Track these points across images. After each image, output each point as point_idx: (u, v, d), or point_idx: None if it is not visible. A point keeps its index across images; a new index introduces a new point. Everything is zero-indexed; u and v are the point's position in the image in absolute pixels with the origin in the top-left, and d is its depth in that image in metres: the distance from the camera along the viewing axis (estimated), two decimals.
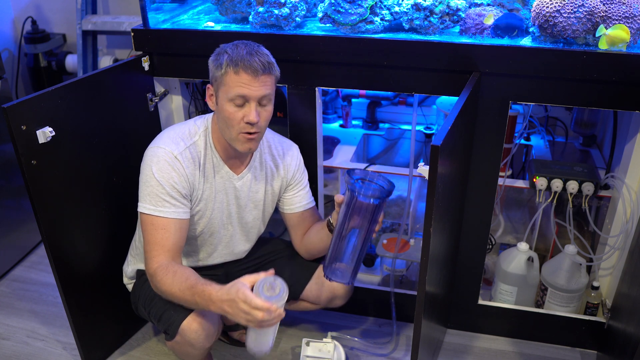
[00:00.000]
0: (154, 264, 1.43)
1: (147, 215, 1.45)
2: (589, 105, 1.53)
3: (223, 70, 1.37)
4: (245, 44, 1.40)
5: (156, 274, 1.42)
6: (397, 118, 2.32)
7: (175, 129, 1.50)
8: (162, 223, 1.44)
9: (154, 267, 1.43)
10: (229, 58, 1.36)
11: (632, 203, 1.67)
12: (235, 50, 1.37)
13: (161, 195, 1.43)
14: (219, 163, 1.52)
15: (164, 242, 1.44)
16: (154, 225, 1.44)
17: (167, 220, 1.44)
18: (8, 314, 2.08)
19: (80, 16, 2.64)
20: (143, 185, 1.46)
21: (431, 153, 1.14)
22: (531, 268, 1.85)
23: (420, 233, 2.12)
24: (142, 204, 1.46)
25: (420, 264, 1.25)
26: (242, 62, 1.35)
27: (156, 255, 1.43)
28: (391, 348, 1.91)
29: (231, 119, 1.40)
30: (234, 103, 1.39)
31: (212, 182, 1.52)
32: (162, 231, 1.44)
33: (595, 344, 1.86)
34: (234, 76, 1.36)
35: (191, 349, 1.50)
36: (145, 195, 1.45)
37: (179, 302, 1.42)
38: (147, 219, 1.45)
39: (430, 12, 1.58)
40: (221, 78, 1.38)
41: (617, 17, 1.42)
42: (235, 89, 1.37)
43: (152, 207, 1.44)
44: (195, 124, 1.52)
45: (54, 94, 1.48)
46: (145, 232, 1.47)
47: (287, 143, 1.66)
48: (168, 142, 1.46)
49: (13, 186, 2.28)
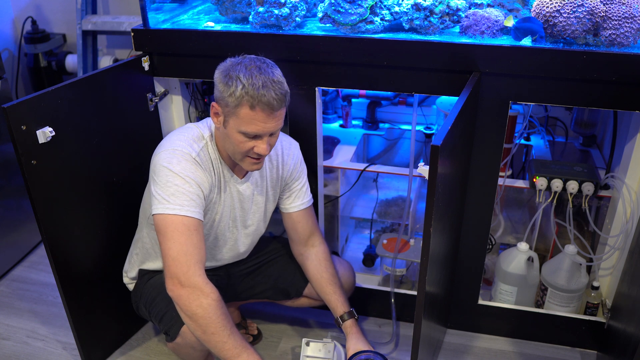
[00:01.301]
0: (197, 269, 1.29)
1: (174, 216, 1.30)
2: (589, 105, 1.53)
3: (237, 101, 1.29)
4: (258, 67, 1.30)
5: (206, 287, 1.30)
6: (397, 118, 2.32)
7: (182, 133, 1.44)
8: (188, 223, 1.32)
9: (198, 272, 1.29)
10: (245, 90, 1.28)
11: (632, 203, 1.67)
12: (251, 80, 1.28)
13: (187, 193, 1.33)
14: (224, 168, 1.50)
15: (192, 247, 1.31)
16: (187, 226, 1.31)
17: (194, 220, 1.33)
18: (8, 314, 2.08)
19: (80, 16, 2.64)
20: (164, 186, 1.33)
21: (431, 153, 1.14)
22: (531, 268, 1.85)
23: (420, 233, 2.12)
24: (163, 206, 1.32)
25: (420, 264, 1.25)
26: (259, 97, 1.27)
27: (198, 260, 1.30)
28: (391, 348, 1.91)
29: (240, 147, 1.35)
30: (245, 135, 1.33)
31: (220, 186, 1.51)
32: (189, 233, 1.32)
33: (595, 344, 1.86)
34: (249, 112, 1.29)
35: (192, 350, 1.50)
36: (169, 195, 1.32)
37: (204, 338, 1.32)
38: (171, 221, 1.31)
39: (430, 12, 1.58)
40: (234, 109, 1.30)
41: (617, 17, 1.42)
42: (250, 127, 1.31)
43: (178, 208, 1.31)
44: (199, 129, 1.46)
45: (54, 94, 1.48)
46: (168, 236, 1.31)
47: (287, 141, 1.65)
48: (181, 144, 1.39)
49: (13, 186, 2.28)
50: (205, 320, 1.32)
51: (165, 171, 1.35)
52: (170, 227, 1.32)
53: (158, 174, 1.36)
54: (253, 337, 1.94)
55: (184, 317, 1.35)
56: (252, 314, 2.03)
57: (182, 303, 1.32)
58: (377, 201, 2.26)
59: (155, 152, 1.41)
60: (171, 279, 1.32)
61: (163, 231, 1.33)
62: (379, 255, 2.05)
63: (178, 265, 1.31)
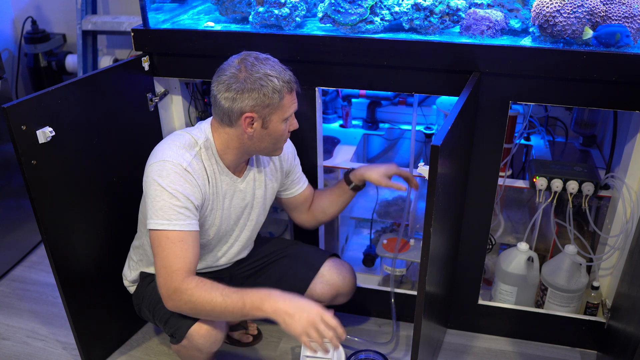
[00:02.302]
0: (179, 275, 1.35)
1: (161, 231, 1.37)
2: (589, 105, 1.53)
3: (280, 94, 1.38)
4: (261, 60, 1.39)
5: (187, 283, 1.34)
6: (397, 118, 2.32)
7: (173, 141, 1.45)
8: (179, 236, 1.37)
9: (179, 278, 1.35)
10: (280, 80, 1.37)
11: (632, 203, 1.67)
12: (273, 69, 1.38)
13: (175, 207, 1.37)
14: (223, 171, 1.50)
15: (184, 254, 1.37)
16: (170, 239, 1.37)
17: (184, 233, 1.38)
18: (8, 314, 2.08)
19: (80, 16, 2.64)
20: (153, 201, 1.38)
21: (431, 153, 1.14)
22: (531, 268, 1.85)
23: (420, 233, 2.12)
24: (153, 221, 1.37)
25: (420, 264, 1.25)
26: (291, 80, 1.40)
27: (180, 267, 1.35)
28: (391, 348, 1.91)
29: (282, 135, 1.45)
30: (285, 122, 1.44)
31: (219, 190, 1.51)
32: (180, 244, 1.37)
33: (595, 344, 1.86)
34: (289, 96, 1.40)
35: (198, 353, 1.50)
36: (157, 211, 1.37)
37: (213, 309, 1.35)
38: (161, 235, 1.37)
39: (430, 12, 1.58)
40: (279, 102, 1.39)
41: (617, 17, 1.42)
42: (292, 107, 1.43)
43: (166, 222, 1.36)
44: (192, 135, 1.46)
45: (54, 94, 1.48)
46: (159, 249, 1.37)
47: None
48: (172, 154, 1.40)
49: (13, 186, 2.28)
50: (199, 308, 1.36)
51: (154, 185, 1.39)
52: (156, 242, 1.38)
53: (149, 187, 1.40)
54: (253, 337, 1.94)
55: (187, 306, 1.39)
56: None
57: (175, 309, 1.39)
58: (377, 201, 2.26)
59: (148, 163, 1.43)
60: (161, 293, 1.40)
61: (153, 244, 1.40)
62: (379, 255, 2.05)
63: (160, 278, 1.38)
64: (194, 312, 1.39)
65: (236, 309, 1.35)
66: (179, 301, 1.36)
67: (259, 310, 1.34)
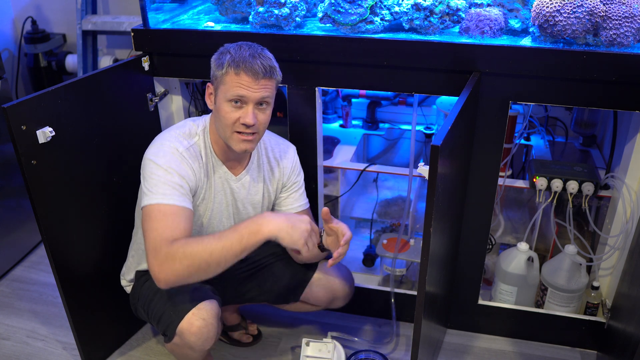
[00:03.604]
0: (167, 244, 1.30)
1: (153, 205, 1.35)
2: (589, 105, 1.53)
3: (224, 69, 1.36)
4: (249, 45, 1.40)
5: (174, 248, 1.29)
6: (397, 118, 2.32)
7: (174, 130, 1.48)
8: (172, 210, 1.35)
9: (166, 247, 1.30)
10: (231, 58, 1.36)
11: (632, 203, 1.67)
12: (239, 52, 1.37)
13: (170, 183, 1.37)
14: (217, 163, 1.51)
15: (175, 226, 1.34)
16: (162, 212, 1.34)
17: (178, 207, 1.36)
18: (8, 314, 2.08)
19: (80, 16, 2.64)
20: (148, 179, 1.38)
21: (431, 153, 1.14)
22: (531, 268, 1.85)
23: (420, 233, 2.12)
24: (147, 197, 1.36)
25: (420, 264, 1.25)
26: (244, 63, 1.35)
27: (168, 237, 1.31)
28: (391, 348, 1.91)
29: (227, 119, 1.39)
30: (231, 103, 1.38)
31: (212, 182, 1.52)
32: (173, 217, 1.35)
33: (595, 344, 1.86)
34: (234, 77, 1.36)
35: (190, 351, 1.49)
36: (152, 187, 1.37)
37: (211, 255, 1.29)
38: (153, 209, 1.35)
39: (430, 12, 1.58)
40: (221, 77, 1.37)
41: (617, 17, 1.42)
42: (234, 89, 1.36)
43: (161, 197, 1.35)
44: (194, 124, 1.50)
45: (54, 94, 1.48)
46: (151, 222, 1.34)
47: (284, 145, 1.65)
48: (170, 140, 1.44)
49: (13, 186, 2.28)
50: (197, 261, 1.30)
51: (150, 164, 1.40)
52: (147, 217, 1.35)
53: (144, 168, 1.41)
54: (253, 337, 1.94)
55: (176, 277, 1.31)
56: (252, 315, 2.03)
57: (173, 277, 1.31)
58: (377, 201, 2.26)
59: (147, 149, 1.46)
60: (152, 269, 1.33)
61: (145, 220, 1.36)
62: (379, 255, 2.05)
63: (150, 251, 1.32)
64: (191, 269, 1.30)
65: (234, 243, 1.31)
66: (173, 264, 1.29)
67: (258, 234, 1.32)
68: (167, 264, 1.30)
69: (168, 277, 1.31)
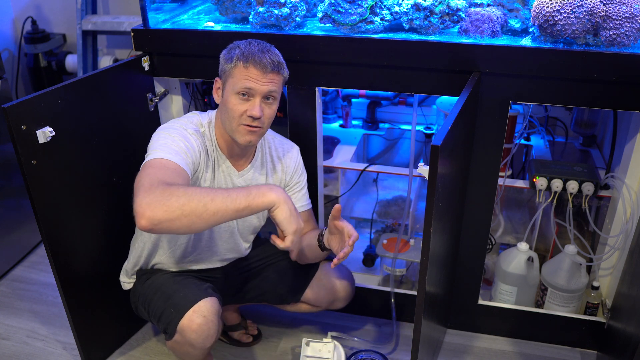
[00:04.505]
0: (165, 183, 1.20)
1: (157, 159, 1.30)
2: (589, 105, 1.53)
3: (233, 63, 1.39)
4: (258, 42, 1.43)
5: (175, 186, 1.19)
6: (397, 118, 2.32)
7: (181, 119, 1.50)
8: (174, 166, 1.30)
9: (165, 184, 1.19)
10: (241, 52, 1.39)
11: (632, 203, 1.67)
12: (248, 47, 1.40)
13: (176, 147, 1.36)
14: (221, 157, 1.52)
15: (174, 178, 1.26)
16: (165, 166, 1.29)
17: (181, 167, 1.32)
18: (8, 314, 2.08)
19: (80, 16, 2.64)
20: (154, 142, 1.37)
21: (431, 153, 1.14)
22: (531, 268, 1.85)
23: (420, 233, 2.12)
24: (150, 155, 1.32)
25: (420, 264, 1.25)
26: (253, 57, 1.38)
27: (167, 181, 1.22)
28: (391, 348, 1.91)
29: (234, 111, 1.41)
30: (239, 96, 1.40)
31: (215, 176, 1.52)
32: (174, 172, 1.29)
33: (595, 344, 1.86)
34: (243, 70, 1.38)
35: (191, 349, 1.49)
36: (157, 147, 1.34)
37: (214, 202, 1.19)
38: (156, 162, 1.29)
39: (430, 12, 1.58)
40: (230, 70, 1.40)
41: (617, 17, 1.42)
42: (242, 82, 1.39)
43: (165, 153, 1.32)
44: (200, 116, 1.52)
45: (54, 94, 1.48)
46: (151, 169, 1.26)
47: (288, 144, 1.66)
48: (179, 123, 1.46)
49: (13, 186, 2.28)
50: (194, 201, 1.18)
51: (158, 133, 1.41)
52: (149, 165, 1.28)
53: (152, 141, 1.40)
54: (253, 337, 1.94)
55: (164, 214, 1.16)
56: (252, 315, 2.03)
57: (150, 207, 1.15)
58: (377, 201, 2.26)
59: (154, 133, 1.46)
60: (138, 197, 1.18)
61: (143, 169, 1.28)
62: (379, 255, 2.05)
63: (144, 182, 1.21)
64: (186, 208, 1.16)
65: (240, 196, 1.23)
66: (168, 199, 1.16)
67: (265, 196, 1.26)
68: (160, 199, 1.15)
69: (155, 213, 1.14)
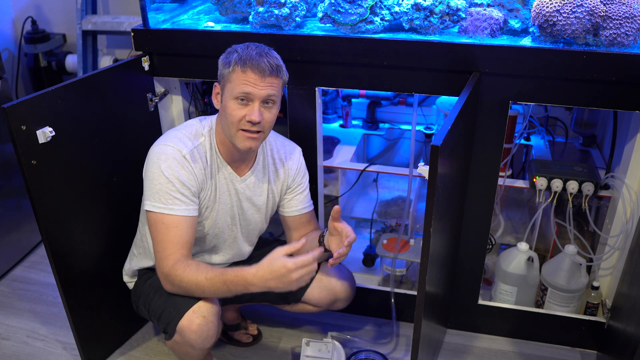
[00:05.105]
0: (169, 261, 1.41)
1: (156, 213, 1.43)
2: (589, 105, 1.53)
3: (231, 67, 1.38)
4: (256, 45, 1.42)
5: (175, 269, 1.40)
6: (397, 118, 2.32)
7: (180, 130, 1.50)
8: (174, 221, 1.43)
9: (169, 264, 1.41)
10: (238, 57, 1.38)
11: (632, 203, 1.67)
12: (246, 51, 1.39)
13: (171, 192, 1.42)
14: (222, 164, 1.52)
15: (177, 239, 1.42)
16: (165, 224, 1.42)
17: (179, 218, 1.43)
18: (8, 314, 2.08)
19: (80, 16, 2.64)
20: (150, 183, 1.44)
21: (431, 153, 1.14)
22: (531, 268, 1.85)
23: (420, 233, 2.12)
24: (150, 203, 1.43)
25: (420, 264, 1.25)
26: (251, 61, 1.37)
27: (171, 253, 1.42)
28: (391, 348, 1.91)
29: (233, 116, 1.40)
30: (238, 101, 1.40)
31: (216, 183, 1.52)
32: (175, 229, 1.43)
33: (595, 344, 1.86)
34: (241, 74, 1.37)
35: (191, 349, 1.49)
36: (154, 194, 1.43)
37: (204, 292, 1.41)
38: (157, 218, 1.43)
39: (430, 12, 1.58)
40: (228, 75, 1.39)
41: (617, 17, 1.42)
42: (240, 87, 1.38)
43: (162, 206, 1.42)
44: (200, 124, 1.52)
45: (54, 94, 1.48)
46: (155, 232, 1.44)
47: (290, 146, 1.66)
48: (175, 140, 1.46)
49: (13, 186, 2.28)
50: (191, 291, 1.43)
51: (154, 167, 1.44)
52: (152, 226, 1.45)
53: (147, 169, 1.46)
54: (253, 338, 1.94)
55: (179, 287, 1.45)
56: (252, 315, 2.03)
57: (172, 291, 1.47)
58: (377, 201, 2.26)
59: (153, 144, 1.48)
60: (159, 276, 1.47)
61: (149, 226, 1.47)
62: (379, 255, 2.05)
63: (157, 261, 1.46)
64: (188, 294, 1.45)
65: (223, 292, 1.41)
66: (171, 284, 1.44)
67: (247, 291, 1.39)
68: (166, 283, 1.46)
69: (171, 291, 1.47)
